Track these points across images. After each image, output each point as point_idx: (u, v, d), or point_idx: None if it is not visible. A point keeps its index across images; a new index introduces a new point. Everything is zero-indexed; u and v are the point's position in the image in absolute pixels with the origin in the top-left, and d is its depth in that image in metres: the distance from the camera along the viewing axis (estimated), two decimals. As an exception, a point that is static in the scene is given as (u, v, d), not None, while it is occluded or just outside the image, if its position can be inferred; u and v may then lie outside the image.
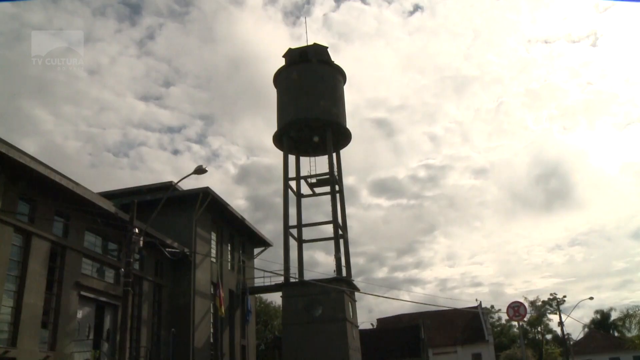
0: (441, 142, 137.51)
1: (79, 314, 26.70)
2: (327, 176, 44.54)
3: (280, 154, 46.64)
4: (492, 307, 75.20)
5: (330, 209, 43.84)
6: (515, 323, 58.72)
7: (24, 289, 23.21)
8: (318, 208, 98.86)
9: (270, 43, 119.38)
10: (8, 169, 22.44)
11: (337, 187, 44.63)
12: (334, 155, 45.33)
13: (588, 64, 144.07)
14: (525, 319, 24.20)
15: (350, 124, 48.41)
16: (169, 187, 35.61)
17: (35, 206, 24.56)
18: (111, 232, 28.06)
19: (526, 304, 23.42)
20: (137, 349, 29.57)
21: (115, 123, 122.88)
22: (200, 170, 18.05)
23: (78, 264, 26.79)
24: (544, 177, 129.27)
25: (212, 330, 37.35)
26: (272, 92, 48.86)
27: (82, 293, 26.77)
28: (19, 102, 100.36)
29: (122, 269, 18.60)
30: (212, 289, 37.10)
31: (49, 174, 24.16)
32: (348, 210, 51.81)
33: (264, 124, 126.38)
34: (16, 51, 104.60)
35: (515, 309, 21.08)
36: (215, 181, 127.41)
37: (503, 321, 78.41)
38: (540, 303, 70.83)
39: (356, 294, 43.78)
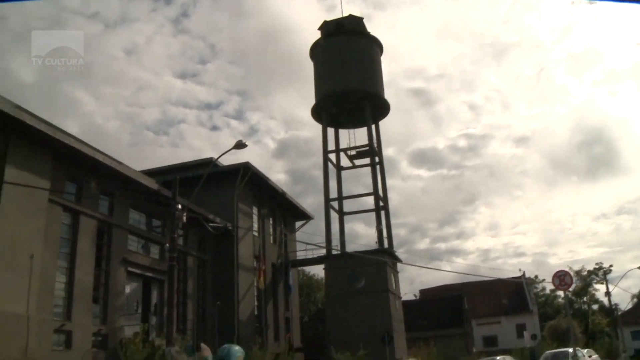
0: (481, 110, 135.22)
1: (127, 289, 27.48)
2: (367, 148, 44.39)
3: (318, 126, 46.67)
4: (536, 277, 74.42)
5: (370, 180, 43.84)
6: (560, 293, 58.16)
7: (74, 265, 24.02)
8: (358, 180, 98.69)
9: (302, 15, 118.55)
10: (55, 150, 23.09)
11: (376, 159, 44.50)
12: (373, 126, 45.10)
13: (637, 23, 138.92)
14: (570, 289, 23.88)
15: (388, 95, 48.07)
16: (209, 163, 36.01)
17: (81, 186, 25.24)
18: (155, 208, 28.60)
19: (571, 274, 23.05)
20: (184, 322, 30.30)
21: (154, 102, 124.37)
22: (240, 145, 18.14)
23: (124, 241, 27.49)
24: (587, 144, 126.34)
25: (256, 303, 37.95)
26: (308, 65, 48.74)
27: (129, 269, 27.51)
28: (60, 86, 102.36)
29: (167, 245, 18.99)
30: (254, 263, 37.62)
31: (93, 154, 24.76)
32: (388, 182, 51.77)
33: (300, 97, 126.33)
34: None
35: (561, 277, 20.74)
36: (255, 156, 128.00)
37: (547, 291, 77.63)
38: (585, 273, 69.91)
39: (398, 265, 43.87)
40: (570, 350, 24.12)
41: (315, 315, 59.81)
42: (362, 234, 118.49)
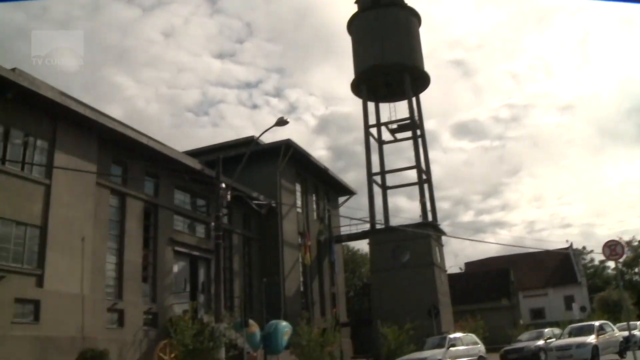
0: (523, 79, 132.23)
1: (175, 268, 28.06)
2: (408, 121, 44.06)
3: (358, 101, 46.46)
4: (584, 248, 72.91)
5: (411, 154, 43.56)
6: (610, 264, 56.88)
7: (123, 246, 24.67)
8: (399, 154, 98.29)
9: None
10: (100, 135, 23.62)
11: (418, 132, 44.14)
12: (414, 99, 44.66)
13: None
14: (621, 260, 23.29)
15: (427, 67, 47.43)
16: (251, 141, 36.23)
17: (126, 168, 25.79)
18: (199, 188, 28.99)
19: (622, 244, 22.32)
20: (231, 299, 30.81)
21: (194, 83, 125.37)
22: (281, 122, 18.16)
23: (170, 221, 28.02)
24: (636, 111, 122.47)
25: (301, 280, 38.32)
26: (345, 39, 48.39)
27: (176, 248, 28.05)
28: (102, 71, 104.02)
29: (212, 224, 19.26)
30: (299, 239, 37.91)
31: (137, 136, 25.22)
32: (430, 155, 51.30)
33: (339, 72, 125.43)
34: (96, 22, 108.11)
35: (612, 248, 20.21)
36: (296, 133, 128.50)
37: (596, 262, 75.96)
38: (636, 243, 68.14)
39: (443, 238, 43.64)
40: (597, 323, 23.77)
41: (360, 290, 60.11)
42: (404, 208, 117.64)
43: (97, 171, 23.34)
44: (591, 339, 22.11)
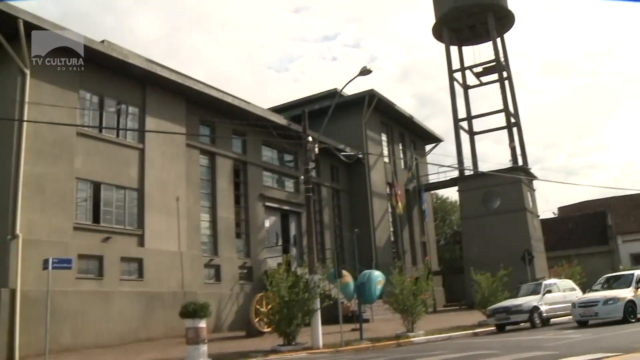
0: (617, 10, 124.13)
1: (267, 223, 28.80)
2: (493, 63, 42.53)
3: (440, 47, 45.20)
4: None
5: (497, 98, 42.13)
6: None
7: (216, 204, 25.52)
8: (484, 99, 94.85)
9: None
10: (187, 97, 24.28)
11: (504, 74, 42.58)
12: (498, 40, 42.87)
13: None
14: None
15: (512, 4, 45.27)
16: (334, 94, 36.17)
17: (214, 128, 26.44)
18: (285, 144, 29.35)
19: None
20: (323, 251, 31.36)
21: (272, 40, 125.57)
22: (365, 72, 17.90)
23: (259, 177, 28.64)
24: None
25: (391, 229, 38.44)
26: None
27: (267, 204, 28.72)
28: (182, 36, 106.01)
29: (301, 177, 19.51)
30: (387, 189, 37.87)
31: (222, 96, 25.73)
32: (517, 97, 49.50)
33: (418, 18, 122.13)
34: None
35: None
36: (378, 83, 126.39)
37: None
38: None
39: (533, 183, 42.37)
40: (637, 272, 18.87)
41: (451, 238, 59.69)
42: (491, 153, 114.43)
43: (186, 132, 24.10)
44: (626, 293, 17.49)
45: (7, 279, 16.62)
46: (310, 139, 18.39)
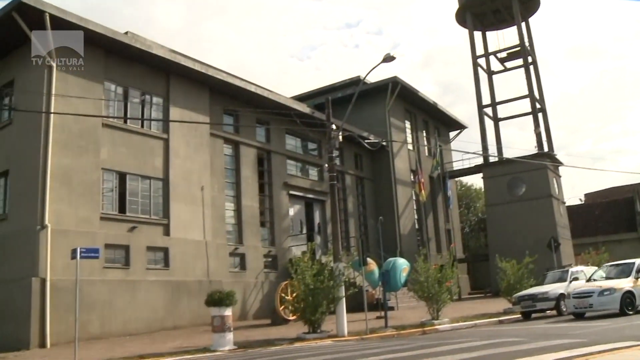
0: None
1: (291, 212, 28.87)
2: (518, 48, 41.97)
3: (463, 32, 44.79)
4: None
5: (522, 83, 41.58)
6: None
7: (240, 193, 25.66)
8: (508, 85, 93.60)
9: None
10: (210, 87, 24.39)
11: (529, 59, 42.00)
12: (523, 24, 42.24)
13: None
14: None
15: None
16: (357, 82, 36.03)
17: (237, 117, 26.52)
18: (309, 132, 29.35)
19: None
20: (347, 239, 31.38)
21: (294, 28, 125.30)
22: (388, 58, 17.74)
23: (283, 166, 28.70)
24: None
25: (416, 217, 38.31)
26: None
27: (291, 192, 28.78)
28: (204, 26, 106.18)
29: (326, 165, 19.50)
30: (411, 177, 37.71)
31: (245, 85, 25.78)
32: (543, 82, 48.79)
33: (441, 3, 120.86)
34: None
35: None
36: (401, 70, 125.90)
37: None
38: None
39: (559, 169, 41.81)
40: (638, 261, 17.34)
41: (475, 225, 59.32)
42: (516, 140, 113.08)
43: (210, 122, 24.21)
44: (624, 283, 16.33)
45: (37, 269, 16.93)
46: (334, 126, 18.34)
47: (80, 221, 18.44)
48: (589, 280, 18.30)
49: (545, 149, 39.96)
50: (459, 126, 46.27)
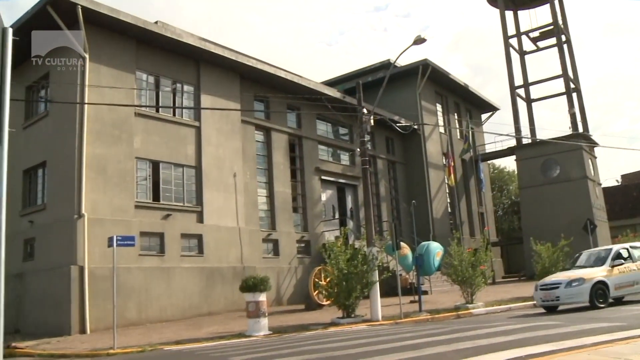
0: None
1: (323, 197, 28.90)
2: (551, 27, 41.13)
3: (494, 12, 43.87)
4: None
5: (555, 63, 40.76)
6: None
7: (272, 179, 25.77)
8: (540, 65, 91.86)
9: None
10: (240, 73, 24.45)
11: (563, 37, 41.11)
12: (557, 2, 41.38)
13: None
14: None
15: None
16: (387, 65, 35.85)
17: (268, 103, 26.58)
18: (340, 117, 29.30)
19: None
20: (380, 223, 31.32)
21: (322, 13, 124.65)
22: (419, 40, 17.57)
23: (315, 151, 28.70)
24: None
25: (448, 201, 38.03)
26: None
27: (323, 177, 28.80)
28: (232, 12, 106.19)
29: (357, 150, 19.44)
30: (443, 160, 37.40)
31: (275, 71, 25.76)
32: (577, 60, 47.79)
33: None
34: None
35: None
36: (430, 52, 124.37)
37: None
38: None
39: (595, 150, 41.00)
40: (617, 247, 15.95)
41: (509, 208, 58.66)
42: (549, 121, 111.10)
43: (241, 109, 24.31)
44: (597, 272, 14.96)
45: (75, 257, 17.28)
46: (365, 111, 18.27)
47: (116, 210, 18.74)
48: (571, 268, 16.61)
49: (580, 129, 39.22)
50: (491, 108, 45.69)
